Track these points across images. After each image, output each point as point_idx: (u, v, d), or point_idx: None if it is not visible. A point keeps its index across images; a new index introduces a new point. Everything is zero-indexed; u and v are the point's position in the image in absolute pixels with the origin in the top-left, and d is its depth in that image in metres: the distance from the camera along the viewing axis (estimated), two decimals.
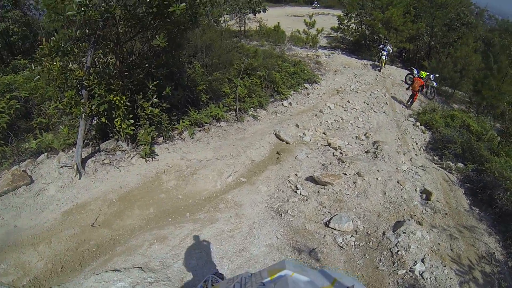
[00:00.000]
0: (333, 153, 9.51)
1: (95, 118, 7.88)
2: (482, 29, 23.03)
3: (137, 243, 5.70)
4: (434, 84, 16.16)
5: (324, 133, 11.02)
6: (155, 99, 7.67)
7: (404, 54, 23.73)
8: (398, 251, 6.11)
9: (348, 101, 13.75)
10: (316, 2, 41.65)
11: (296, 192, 7.63)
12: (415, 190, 8.15)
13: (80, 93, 6.82)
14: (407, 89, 16.42)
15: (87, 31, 6.50)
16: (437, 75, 16.44)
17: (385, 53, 18.30)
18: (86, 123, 7.08)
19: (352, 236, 6.47)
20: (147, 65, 7.96)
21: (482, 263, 6.38)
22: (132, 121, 7.41)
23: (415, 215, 7.31)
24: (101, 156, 7.56)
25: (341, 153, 9.52)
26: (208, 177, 7.59)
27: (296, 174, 8.33)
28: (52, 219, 6.03)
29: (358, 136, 11.24)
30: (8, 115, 7.63)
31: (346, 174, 8.26)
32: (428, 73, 16.12)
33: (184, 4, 5.96)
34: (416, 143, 12.05)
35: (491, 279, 6.09)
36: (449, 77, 17.43)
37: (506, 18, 27.01)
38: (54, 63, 6.26)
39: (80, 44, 6.70)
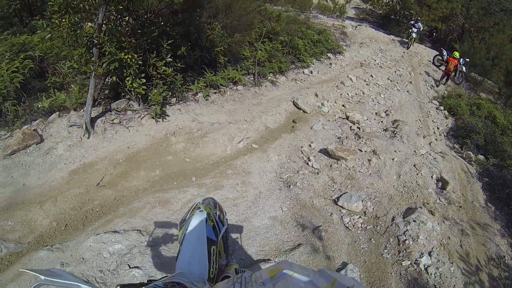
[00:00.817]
0: (351, 127, 9.01)
1: (108, 77, 7.57)
2: None
3: (139, 205, 5.49)
4: (464, 69, 15.11)
5: (343, 105, 10.47)
6: (169, 59, 7.26)
7: (434, 34, 22.50)
8: (405, 239, 5.72)
9: (371, 76, 13.07)
10: None
11: (307, 164, 7.23)
12: (431, 176, 7.67)
13: (91, 51, 6.55)
14: (439, 67, 16.00)
15: None
16: (468, 60, 15.32)
17: (415, 30, 17.28)
18: (96, 82, 6.84)
19: (360, 217, 6.09)
20: (162, 23, 7.54)
21: (490, 265, 5.96)
22: (143, 80, 7.06)
23: (428, 204, 6.86)
24: (111, 116, 7.29)
25: (359, 128, 8.99)
26: (218, 141, 7.26)
27: (310, 145, 7.88)
28: (59, 178, 5.93)
29: (378, 112, 10.67)
30: (22, 75, 7.42)
31: (361, 151, 7.79)
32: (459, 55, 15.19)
33: None
34: (438, 128, 11.42)
35: (497, 284, 5.68)
36: (480, 64, 16.27)
37: None
38: (63, 20, 5.94)
39: (93, 1, 6.33)
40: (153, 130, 7.09)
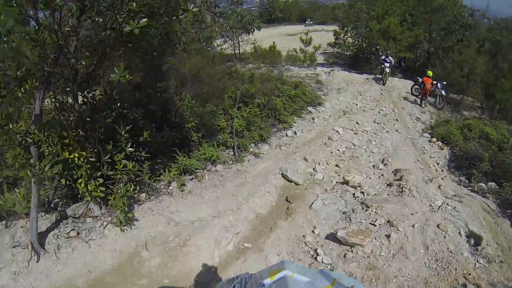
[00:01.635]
0: (354, 194, 7.45)
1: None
2: (481, 29, 21.11)
3: None
4: (443, 92, 14.55)
5: (337, 165, 9.04)
6: (129, 149, 5.70)
7: (403, 64, 21.95)
8: None
9: (357, 123, 11.86)
10: (309, 20, 40.02)
11: (316, 259, 5.58)
12: (459, 234, 6.29)
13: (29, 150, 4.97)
14: (418, 96, 15.33)
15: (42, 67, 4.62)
16: (444, 82, 14.74)
17: (387, 65, 16.54)
18: (39, 188, 5.18)
19: None
20: (119, 104, 6.07)
21: None
22: (101, 180, 5.40)
23: (469, 274, 5.41)
24: (66, 227, 5.63)
25: (362, 193, 7.49)
26: (203, 248, 5.51)
27: (313, 231, 6.23)
28: None
29: (375, 164, 9.31)
30: None
31: (375, 225, 6.25)
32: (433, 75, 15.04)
33: (146, 19, 3.92)
34: (437, 163, 10.45)
35: None
36: (457, 83, 15.66)
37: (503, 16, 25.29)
38: None
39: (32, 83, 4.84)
40: (120, 243, 5.40)
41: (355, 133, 11.13)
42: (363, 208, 6.75)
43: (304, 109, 11.82)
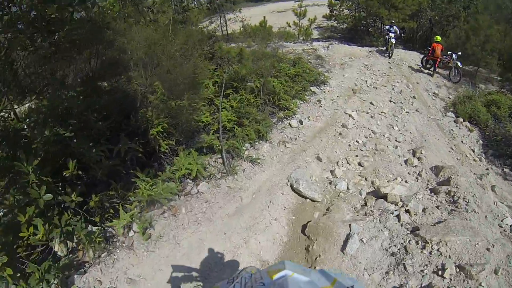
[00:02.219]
0: (398, 216, 4.82)
1: None
2: None
3: None
4: (459, 64, 12.05)
5: (360, 163, 6.52)
6: (47, 195, 3.14)
7: (402, 35, 19.35)
8: None
9: (371, 103, 9.30)
10: None
11: None
12: None
13: None
14: (430, 68, 13.02)
15: None
16: (460, 53, 12.34)
17: (392, 35, 13.97)
18: None
19: None
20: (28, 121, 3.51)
21: None
22: (4, 258, 2.88)
23: None
24: None
25: (408, 211, 4.91)
26: None
27: None
28: None
29: (408, 160, 6.82)
30: None
31: (444, 277, 3.70)
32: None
33: None
34: (472, 150, 8.05)
35: None
36: (472, 53, 13.10)
37: None
38: None
39: None
40: None
41: (371, 117, 8.59)
42: (417, 244, 4.18)
43: (307, 90, 9.13)
